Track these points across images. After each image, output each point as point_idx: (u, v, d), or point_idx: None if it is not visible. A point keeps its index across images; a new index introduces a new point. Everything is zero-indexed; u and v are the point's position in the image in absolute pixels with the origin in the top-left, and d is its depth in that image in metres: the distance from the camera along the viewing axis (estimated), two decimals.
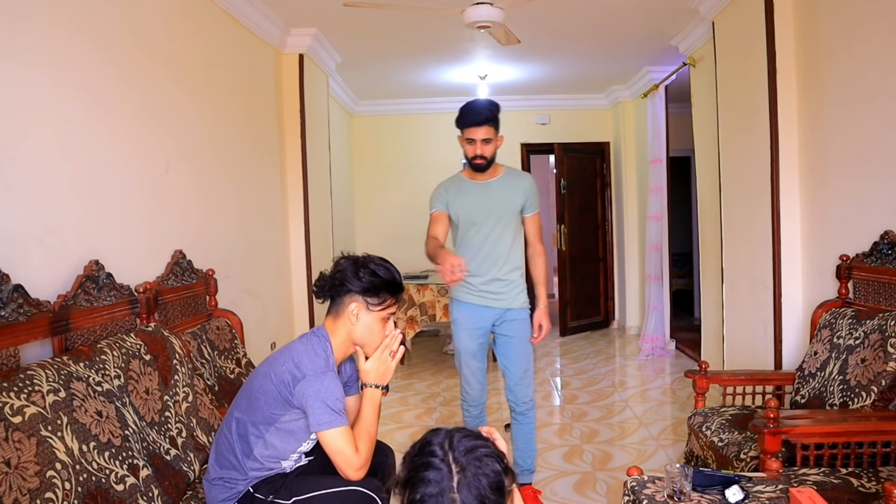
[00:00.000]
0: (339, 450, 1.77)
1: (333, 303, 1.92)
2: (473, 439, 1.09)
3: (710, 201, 4.40)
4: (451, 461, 1.05)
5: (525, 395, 2.86)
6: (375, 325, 1.91)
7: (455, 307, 2.89)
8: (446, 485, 1.03)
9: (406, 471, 1.09)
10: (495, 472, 1.06)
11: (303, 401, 1.78)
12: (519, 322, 2.84)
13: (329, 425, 1.76)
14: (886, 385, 2.17)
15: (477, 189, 2.81)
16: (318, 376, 1.78)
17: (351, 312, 1.89)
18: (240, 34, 3.67)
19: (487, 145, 2.73)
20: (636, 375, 5.27)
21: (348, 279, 1.87)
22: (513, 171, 2.90)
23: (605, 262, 7.27)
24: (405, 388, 5.00)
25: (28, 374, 1.61)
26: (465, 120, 2.73)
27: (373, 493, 1.82)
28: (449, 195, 2.83)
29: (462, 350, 2.86)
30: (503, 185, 2.82)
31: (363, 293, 1.88)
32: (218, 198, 3.30)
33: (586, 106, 7.12)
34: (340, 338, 1.91)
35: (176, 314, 2.66)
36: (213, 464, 1.90)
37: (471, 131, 2.72)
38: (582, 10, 4.14)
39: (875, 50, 2.58)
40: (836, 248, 2.85)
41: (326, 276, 1.93)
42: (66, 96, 2.11)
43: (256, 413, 1.83)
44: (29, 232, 1.91)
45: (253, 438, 1.84)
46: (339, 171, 6.11)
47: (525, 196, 2.83)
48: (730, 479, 1.78)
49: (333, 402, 1.77)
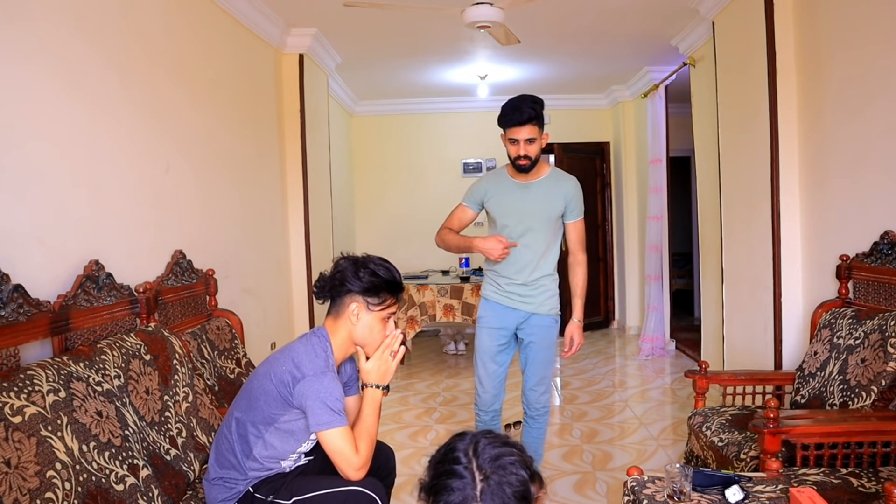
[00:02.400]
0: (338, 450, 1.78)
1: (333, 303, 1.92)
2: (500, 446, 1.07)
3: (710, 201, 4.40)
4: (475, 469, 1.04)
5: (538, 402, 2.78)
6: (376, 325, 1.91)
7: (482, 305, 2.82)
8: (469, 493, 1.02)
9: (430, 477, 1.07)
10: (521, 481, 1.03)
11: (302, 401, 1.78)
12: (543, 328, 2.73)
13: (329, 425, 1.76)
14: (886, 385, 2.17)
15: (516, 190, 2.70)
16: (317, 376, 1.78)
17: (351, 313, 1.89)
18: (240, 34, 3.67)
19: (532, 145, 2.60)
20: (636, 375, 5.27)
21: (348, 279, 1.87)
22: (558, 174, 2.77)
23: (605, 262, 7.26)
24: (405, 388, 5.00)
25: (28, 374, 1.61)
26: (508, 119, 2.58)
27: (373, 494, 1.82)
28: (488, 192, 2.75)
29: (481, 349, 2.77)
30: (544, 190, 2.69)
31: (363, 293, 1.88)
32: (218, 198, 3.30)
33: (586, 106, 7.12)
34: (341, 338, 1.91)
35: (176, 314, 2.66)
36: (213, 464, 1.90)
37: (514, 131, 2.58)
38: (582, 10, 4.14)
39: (875, 50, 2.58)
40: (836, 248, 2.85)
41: (326, 276, 1.93)
42: (66, 96, 2.11)
43: (256, 413, 1.84)
44: (29, 232, 1.91)
45: (252, 438, 1.84)
46: (339, 171, 6.11)
47: (566, 201, 2.71)
48: (730, 479, 1.78)
49: (333, 402, 1.77)
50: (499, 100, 6.87)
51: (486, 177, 2.84)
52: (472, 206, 2.79)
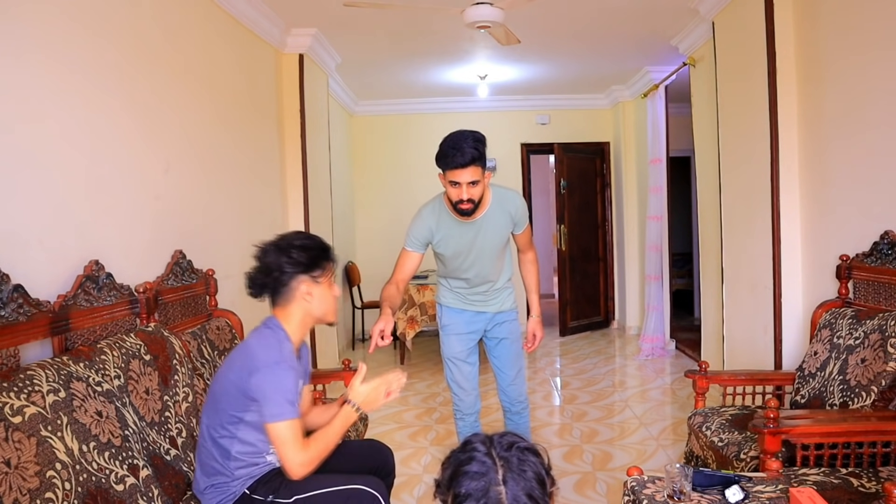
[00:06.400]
0: (284, 442, 1.77)
1: (277, 293, 1.89)
2: (511, 436, 1.10)
3: (710, 201, 4.40)
4: (494, 456, 1.06)
5: (519, 395, 2.84)
6: (327, 293, 1.93)
7: (445, 313, 2.81)
8: (493, 477, 1.03)
9: (449, 469, 1.08)
10: (538, 465, 1.06)
11: (256, 393, 1.77)
12: (510, 323, 2.80)
13: (278, 417, 1.75)
14: (886, 385, 2.17)
15: (464, 230, 2.57)
16: (270, 367, 1.77)
17: (303, 294, 1.88)
18: (240, 34, 3.67)
19: (475, 187, 2.40)
20: (636, 375, 5.27)
21: (285, 266, 1.85)
22: (500, 196, 2.60)
23: (605, 262, 7.27)
24: (405, 388, 4.95)
25: (28, 374, 1.61)
26: (449, 161, 2.37)
27: (375, 492, 1.82)
28: (433, 233, 2.59)
29: (453, 357, 2.78)
30: (491, 222, 2.58)
31: (306, 271, 1.87)
32: (218, 198, 3.30)
33: (586, 106, 7.13)
34: (296, 320, 1.91)
35: (176, 314, 2.66)
36: (200, 476, 1.90)
37: (454, 173, 2.38)
38: (582, 9, 4.14)
39: (875, 49, 2.58)
40: (836, 248, 2.85)
41: (258, 273, 1.89)
42: (66, 96, 2.11)
43: (222, 415, 1.84)
44: (29, 232, 1.91)
45: (226, 441, 1.84)
46: (339, 171, 6.11)
47: (514, 221, 2.64)
48: (730, 479, 1.78)
49: (284, 393, 1.76)
50: (499, 100, 6.98)
51: (425, 215, 2.61)
52: (418, 249, 2.63)
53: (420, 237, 2.61)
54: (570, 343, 6.56)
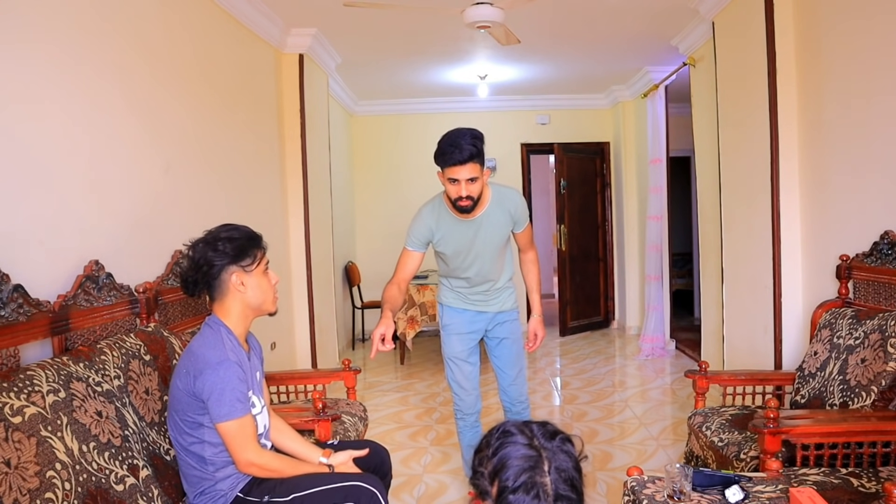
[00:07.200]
0: (233, 439, 1.77)
1: (211, 289, 1.89)
2: (543, 425, 1.11)
3: (710, 201, 4.40)
4: (538, 446, 1.06)
5: (521, 395, 2.84)
6: (262, 281, 1.91)
7: (446, 313, 2.82)
8: (539, 468, 1.04)
9: (492, 459, 1.07)
10: (574, 451, 1.08)
11: (203, 394, 1.76)
12: (511, 322, 2.81)
13: (226, 417, 1.75)
14: (886, 385, 2.17)
15: (464, 228, 2.58)
16: (213, 368, 1.76)
17: (235, 285, 1.87)
18: (240, 34, 3.67)
19: (474, 184, 2.42)
20: (636, 375, 5.27)
21: (213, 259, 1.84)
22: (500, 194, 2.62)
23: (605, 262, 7.27)
24: (405, 388, 4.99)
25: (28, 375, 1.61)
26: (447, 158, 2.39)
27: (374, 489, 1.82)
28: (433, 232, 2.61)
29: (454, 356, 2.79)
30: (491, 220, 2.59)
31: (235, 261, 1.86)
32: (218, 198, 3.30)
33: (586, 106, 7.13)
34: (235, 314, 1.90)
35: (176, 314, 2.66)
36: (188, 488, 1.90)
37: (453, 171, 2.39)
38: (582, 10, 4.14)
39: (875, 50, 2.58)
40: (836, 248, 2.85)
41: (189, 270, 1.87)
42: (67, 97, 2.11)
43: (183, 422, 1.83)
44: (29, 232, 1.91)
45: (196, 446, 1.83)
46: (339, 171, 6.11)
47: (514, 219, 2.65)
48: (730, 479, 1.78)
49: (231, 391, 1.76)
50: (499, 100, 6.99)
51: (424, 214, 2.63)
52: (419, 249, 2.64)
53: (420, 236, 2.62)
54: (570, 343, 6.56)
